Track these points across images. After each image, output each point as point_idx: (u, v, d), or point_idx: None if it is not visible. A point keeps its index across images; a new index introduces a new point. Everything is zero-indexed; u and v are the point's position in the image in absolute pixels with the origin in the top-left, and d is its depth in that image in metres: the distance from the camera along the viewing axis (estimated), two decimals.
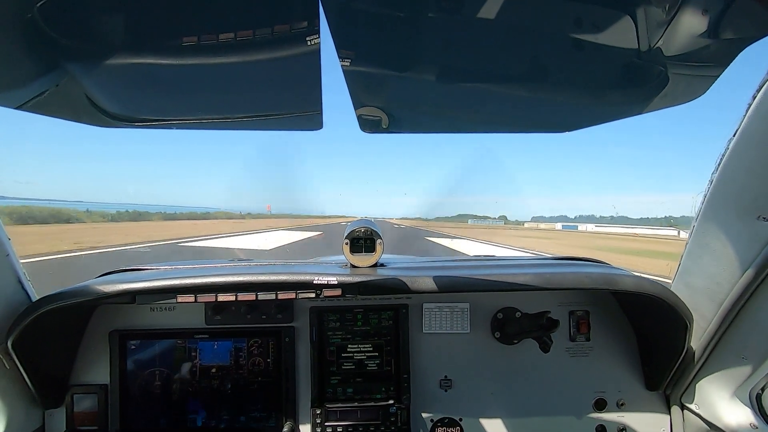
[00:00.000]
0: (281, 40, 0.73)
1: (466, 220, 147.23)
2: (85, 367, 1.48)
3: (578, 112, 1.16)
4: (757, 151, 1.02)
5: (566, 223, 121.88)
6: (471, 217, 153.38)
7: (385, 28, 0.76)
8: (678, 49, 0.80)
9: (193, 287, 1.31)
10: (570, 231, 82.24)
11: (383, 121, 1.05)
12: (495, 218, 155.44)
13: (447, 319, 1.55)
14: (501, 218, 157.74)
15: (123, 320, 1.50)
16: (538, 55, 0.89)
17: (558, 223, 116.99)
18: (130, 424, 1.47)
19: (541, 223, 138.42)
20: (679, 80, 0.90)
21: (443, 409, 1.54)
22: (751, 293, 1.15)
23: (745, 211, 1.10)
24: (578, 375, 1.55)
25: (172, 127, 1.06)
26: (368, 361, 1.55)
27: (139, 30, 0.77)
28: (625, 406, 1.54)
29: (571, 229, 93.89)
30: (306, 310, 1.54)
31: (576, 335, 1.56)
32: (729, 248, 1.18)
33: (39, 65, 0.83)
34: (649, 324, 1.49)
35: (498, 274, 1.39)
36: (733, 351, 1.28)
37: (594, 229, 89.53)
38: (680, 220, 11.79)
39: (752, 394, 1.31)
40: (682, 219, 8.02)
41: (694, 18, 0.73)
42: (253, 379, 1.51)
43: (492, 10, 0.73)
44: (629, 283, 1.35)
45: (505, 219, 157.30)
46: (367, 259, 1.50)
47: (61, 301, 1.26)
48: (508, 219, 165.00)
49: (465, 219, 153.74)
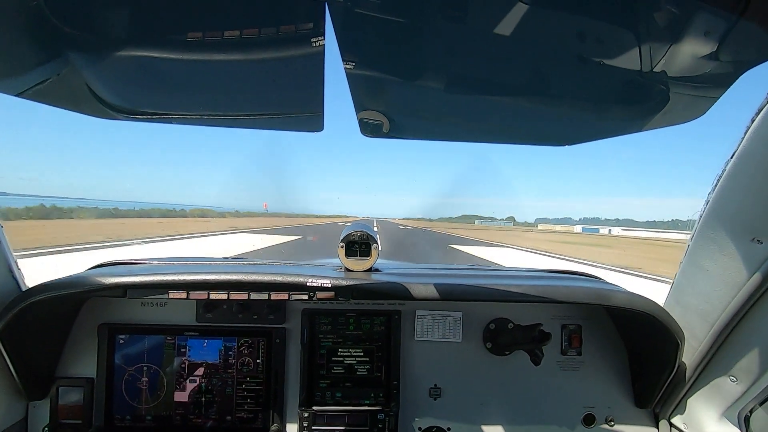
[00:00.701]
0: (286, 40, 0.73)
1: (472, 221, 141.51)
2: (73, 359, 1.47)
3: (579, 127, 1.17)
4: (754, 173, 1.03)
5: (587, 225, 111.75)
6: (477, 218, 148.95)
7: (390, 33, 0.77)
8: (680, 70, 0.81)
9: (185, 283, 1.30)
10: (592, 235, 71.85)
11: (384, 125, 1.05)
12: (503, 219, 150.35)
13: (439, 327, 1.54)
14: (509, 219, 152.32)
15: (113, 314, 1.49)
16: (541, 68, 0.90)
17: (577, 226, 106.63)
18: (115, 420, 1.46)
19: (556, 225, 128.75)
20: (680, 100, 0.91)
21: (432, 417, 1.53)
22: (744, 314, 1.15)
23: (740, 232, 1.11)
24: (568, 389, 1.55)
25: (173, 122, 1.05)
26: (358, 366, 1.54)
27: (144, 23, 0.77)
28: (613, 422, 1.53)
29: (593, 232, 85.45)
30: (298, 312, 1.53)
31: (567, 349, 1.55)
32: (722, 269, 1.18)
33: (41, 53, 0.83)
34: (641, 341, 1.50)
35: (492, 284, 1.39)
36: (723, 371, 1.28)
37: (621, 232, 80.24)
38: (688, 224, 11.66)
39: (741, 416, 1.31)
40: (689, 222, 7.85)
41: (696, 39, 0.73)
42: (241, 379, 1.50)
43: (496, 22, 0.73)
44: (622, 299, 1.36)
45: (513, 220, 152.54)
46: (361, 264, 1.50)
47: (51, 291, 1.25)
48: (517, 220, 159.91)
49: (471, 220, 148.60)
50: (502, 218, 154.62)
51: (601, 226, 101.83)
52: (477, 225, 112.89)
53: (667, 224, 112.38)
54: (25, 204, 38.69)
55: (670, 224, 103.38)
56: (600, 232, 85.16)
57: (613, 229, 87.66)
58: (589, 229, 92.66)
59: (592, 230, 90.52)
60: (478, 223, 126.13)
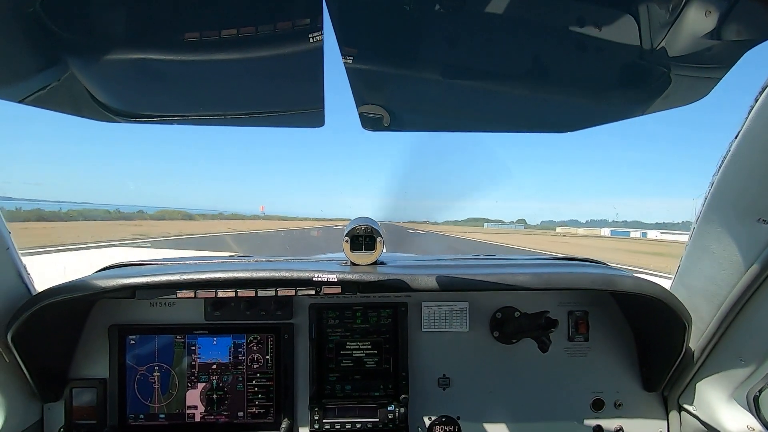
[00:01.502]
0: (284, 36, 0.73)
1: (481, 224, 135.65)
2: (85, 361, 1.49)
3: (580, 112, 1.16)
4: (758, 154, 1.02)
5: (616, 228, 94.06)
6: (486, 221, 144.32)
7: (388, 25, 0.76)
8: (681, 51, 0.80)
9: (193, 283, 1.31)
10: (622, 238, 60.68)
11: (384, 119, 1.05)
12: (513, 222, 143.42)
13: (446, 317, 1.55)
14: (520, 222, 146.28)
15: (122, 315, 1.50)
16: (541, 53, 0.89)
17: (604, 228, 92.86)
18: (129, 419, 1.48)
19: (578, 228, 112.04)
20: (681, 82, 0.90)
21: (441, 407, 1.55)
22: (750, 295, 1.15)
23: (745, 213, 1.10)
24: (576, 375, 1.56)
25: (173, 123, 1.06)
26: (367, 359, 1.55)
27: (141, 25, 0.77)
28: (622, 406, 1.54)
29: (623, 235, 73.28)
30: (305, 307, 1.54)
31: (575, 335, 1.56)
32: (728, 250, 1.18)
33: (41, 60, 0.83)
34: (648, 325, 1.50)
35: (498, 274, 1.39)
36: (731, 353, 1.28)
37: (660, 236, 65.78)
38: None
39: (749, 396, 1.31)
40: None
41: (697, 19, 0.73)
42: (251, 375, 1.51)
43: (494, 8, 0.73)
44: (628, 283, 1.35)
45: (524, 223, 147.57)
46: (367, 257, 1.50)
47: (60, 294, 1.26)
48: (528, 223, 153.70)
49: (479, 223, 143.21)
50: (511, 221, 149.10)
51: (631, 228, 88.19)
52: (485, 228, 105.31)
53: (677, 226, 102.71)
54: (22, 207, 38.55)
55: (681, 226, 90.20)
56: (630, 235, 72.78)
57: (649, 233, 75.72)
58: (618, 233, 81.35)
59: (622, 233, 79.29)
60: (487, 226, 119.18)
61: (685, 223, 19.06)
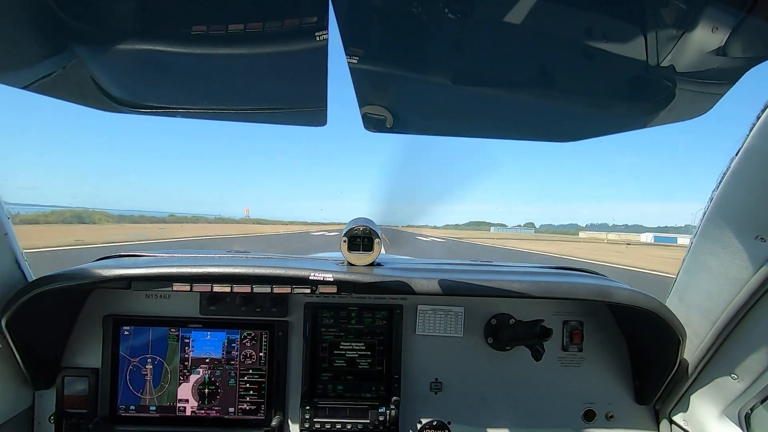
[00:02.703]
0: (290, 34, 0.73)
1: (487, 228, 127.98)
2: (78, 350, 1.49)
3: (584, 122, 1.17)
4: (758, 171, 1.02)
5: (660, 234, 78.14)
6: (492, 225, 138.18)
7: (394, 27, 0.76)
8: (687, 65, 0.80)
9: (189, 276, 1.31)
10: (669, 245, 48.32)
11: (388, 120, 1.05)
12: (520, 226, 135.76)
13: (441, 321, 1.55)
14: (528, 225, 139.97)
15: (117, 305, 1.50)
16: (547, 62, 0.89)
17: (645, 234, 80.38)
18: (119, 409, 1.48)
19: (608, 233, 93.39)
20: (685, 96, 0.90)
21: (432, 411, 1.54)
22: (746, 313, 1.15)
23: (744, 230, 1.10)
24: (569, 385, 1.55)
25: (177, 116, 1.06)
26: (360, 360, 1.55)
27: (149, 17, 0.77)
28: (614, 418, 1.54)
29: (669, 242, 61.16)
30: (301, 306, 1.54)
31: (569, 345, 1.56)
32: (726, 266, 1.18)
33: (47, 46, 0.83)
34: (642, 337, 1.50)
35: (495, 280, 1.39)
36: (724, 369, 1.28)
37: None
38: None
39: (741, 414, 1.31)
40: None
41: (704, 35, 0.73)
42: (244, 371, 1.51)
43: (503, 15, 0.73)
44: (624, 296, 1.35)
45: (533, 226, 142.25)
46: (364, 258, 1.50)
47: (57, 282, 1.26)
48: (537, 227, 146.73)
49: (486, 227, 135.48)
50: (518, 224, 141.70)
51: (679, 235, 66.56)
52: (492, 232, 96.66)
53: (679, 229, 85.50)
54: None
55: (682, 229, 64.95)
56: (678, 242, 56.35)
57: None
58: (663, 239, 68.35)
59: (668, 240, 65.78)
60: (494, 231, 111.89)
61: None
